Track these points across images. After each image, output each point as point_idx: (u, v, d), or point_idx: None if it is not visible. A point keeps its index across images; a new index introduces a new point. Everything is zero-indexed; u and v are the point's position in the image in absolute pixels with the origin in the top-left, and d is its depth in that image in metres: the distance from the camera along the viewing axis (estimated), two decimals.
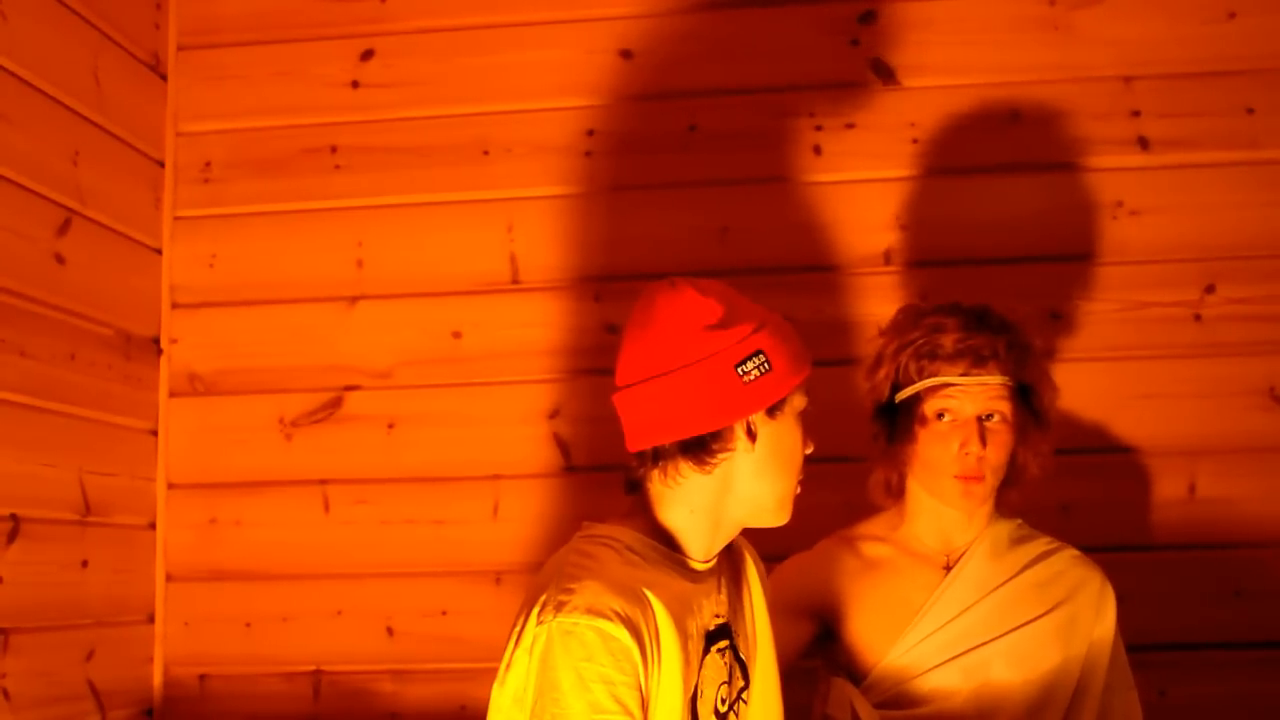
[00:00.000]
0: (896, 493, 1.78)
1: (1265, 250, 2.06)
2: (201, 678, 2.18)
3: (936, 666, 1.68)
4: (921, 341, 1.69)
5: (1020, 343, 1.70)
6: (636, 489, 1.44)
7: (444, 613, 2.14)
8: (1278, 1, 2.10)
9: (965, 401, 1.66)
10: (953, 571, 1.72)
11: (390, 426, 2.19)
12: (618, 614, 1.27)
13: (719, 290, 1.39)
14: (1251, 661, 2.01)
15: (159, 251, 2.25)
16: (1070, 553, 1.75)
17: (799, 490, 1.43)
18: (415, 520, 2.16)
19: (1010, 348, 1.68)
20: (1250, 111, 2.08)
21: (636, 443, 1.40)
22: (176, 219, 2.27)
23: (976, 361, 1.65)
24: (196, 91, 2.28)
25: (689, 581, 1.39)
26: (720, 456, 1.37)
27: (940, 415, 1.67)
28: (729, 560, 1.50)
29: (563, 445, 2.15)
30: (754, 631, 1.51)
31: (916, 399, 1.69)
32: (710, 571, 1.44)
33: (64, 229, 1.96)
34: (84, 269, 2.00)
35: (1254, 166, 2.08)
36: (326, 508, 2.18)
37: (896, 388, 1.71)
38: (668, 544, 1.40)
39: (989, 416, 1.66)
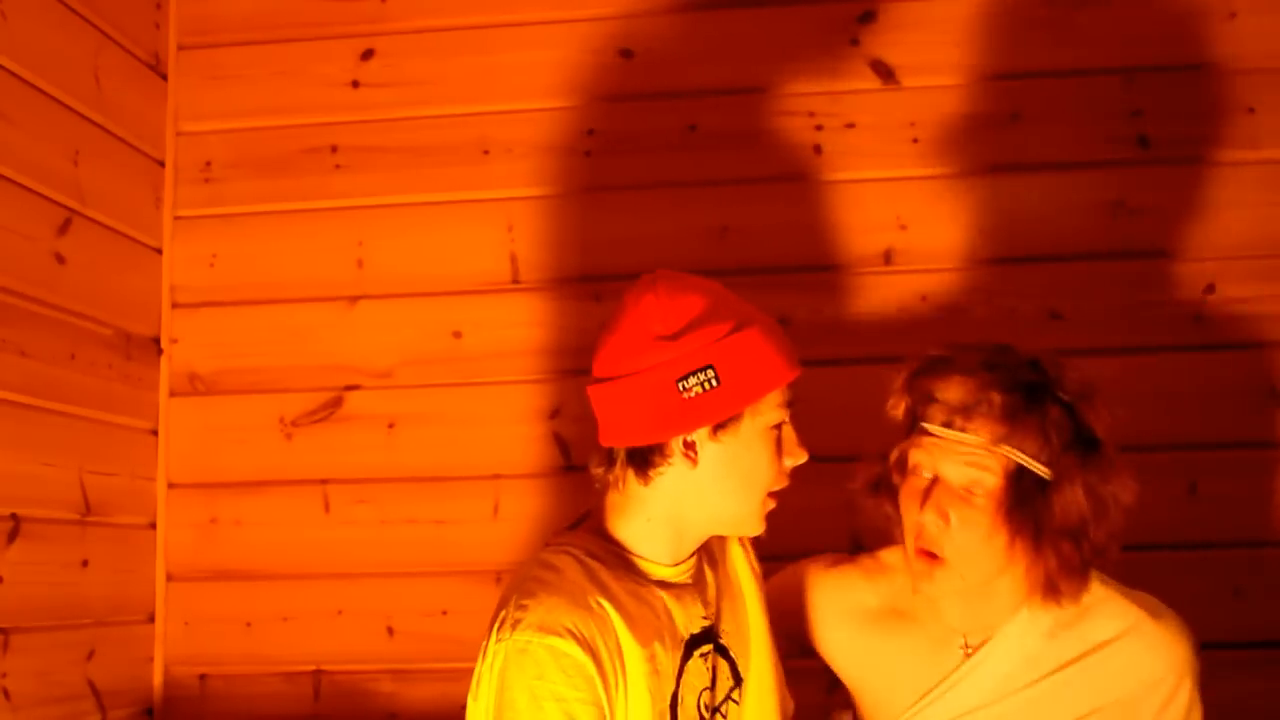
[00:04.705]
0: None
1: (1265, 250, 2.06)
2: (202, 677, 2.18)
3: None
4: (926, 378, 1.43)
5: (1042, 408, 1.36)
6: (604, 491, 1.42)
7: (444, 612, 2.14)
8: (1278, 1, 2.10)
9: (935, 458, 1.39)
10: (970, 662, 1.45)
11: (390, 426, 2.19)
12: (570, 631, 1.26)
13: (692, 296, 1.33)
14: (1251, 661, 2.01)
15: (159, 251, 2.25)
16: (1144, 642, 1.42)
17: (773, 503, 1.39)
18: (416, 520, 2.16)
19: (1020, 408, 1.36)
20: (1251, 111, 2.08)
21: (601, 440, 1.39)
22: (177, 219, 2.27)
23: (960, 411, 1.37)
24: (197, 91, 2.28)
25: (660, 588, 1.36)
26: (655, 471, 1.34)
27: (917, 470, 1.42)
28: (712, 556, 1.47)
29: (563, 445, 2.15)
30: (745, 627, 1.47)
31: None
32: (689, 573, 1.41)
33: (64, 228, 1.96)
34: (84, 269, 2.00)
35: (1254, 166, 2.08)
36: (327, 507, 2.18)
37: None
38: (634, 549, 1.38)
39: (970, 488, 1.37)
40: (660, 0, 2.21)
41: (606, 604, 1.30)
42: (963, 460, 1.37)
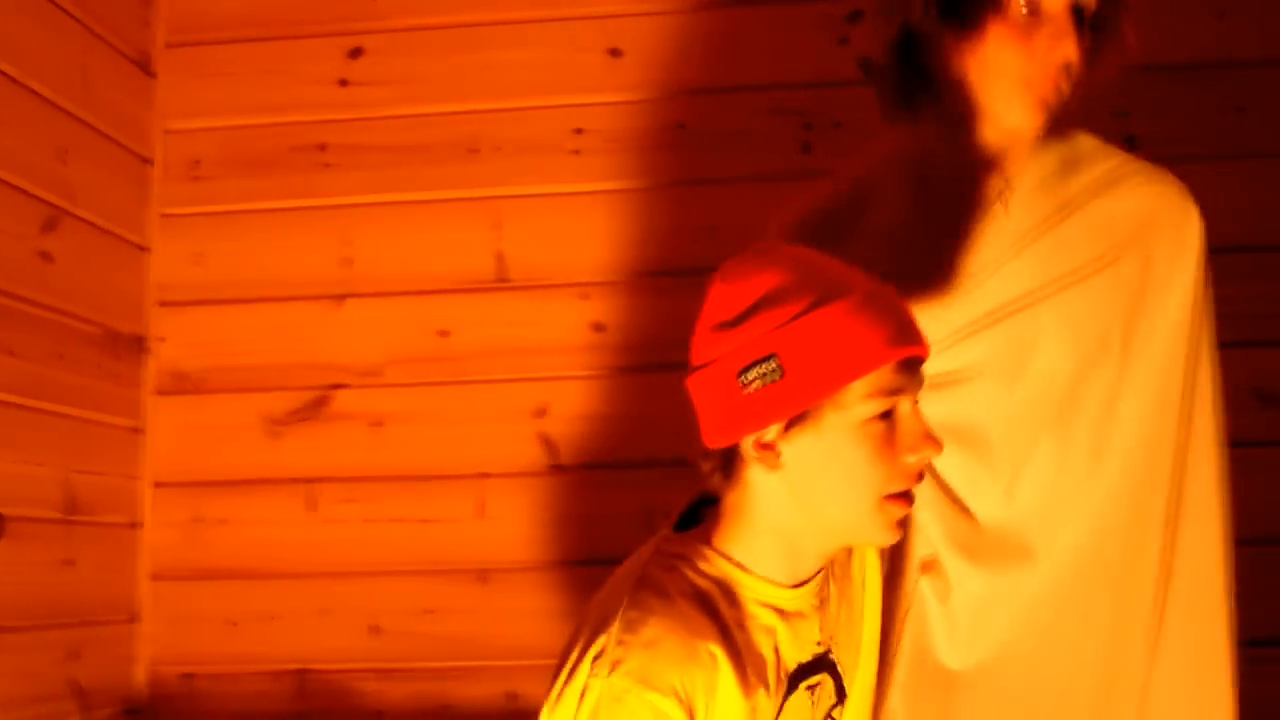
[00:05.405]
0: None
1: (1252, 249, 2.05)
2: (186, 676, 2.17)
3: (963, 339, 1.36)
4: None
5: None
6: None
7: (429, 611, 2.13)
8: (1267, 0, 2.10)
9: None
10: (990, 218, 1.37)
11: (377, 425, 2.18)
12: (673, 690, 1.14)
13: (765, 274, 1.16)
14: (1251, 661, 1.99)
15: (146, 249, 2.24)
16: (1141, 182, 1.42)
17: (900, 508, 1.19)
18: (401, 519, 2.15)
19: None
20: (1239, 110, 2.08)
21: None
22: (164, 217, 2.26)
23: None
24: (185, 89, 2.28)
25: (774, 613, 1.23)
26: (739, 477, 1.20)
27: (1028, 8, 1.28)
28: (834, 561, 1.31)
29: (550, 444, 2.15)
30: (859, 627, 1.34)
31: None
32: (812, 597, 1.26)
33: (51, 226, 1.95)
34: (71, 267, 2.00)
35: (1243, 165, 2.07)
36: (312, 506, 2.18)
37: None
38: (749, 566, 1.23)
39: (1079, 9, 1.28)
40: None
41: (718, 651, 1.17)
42: None
